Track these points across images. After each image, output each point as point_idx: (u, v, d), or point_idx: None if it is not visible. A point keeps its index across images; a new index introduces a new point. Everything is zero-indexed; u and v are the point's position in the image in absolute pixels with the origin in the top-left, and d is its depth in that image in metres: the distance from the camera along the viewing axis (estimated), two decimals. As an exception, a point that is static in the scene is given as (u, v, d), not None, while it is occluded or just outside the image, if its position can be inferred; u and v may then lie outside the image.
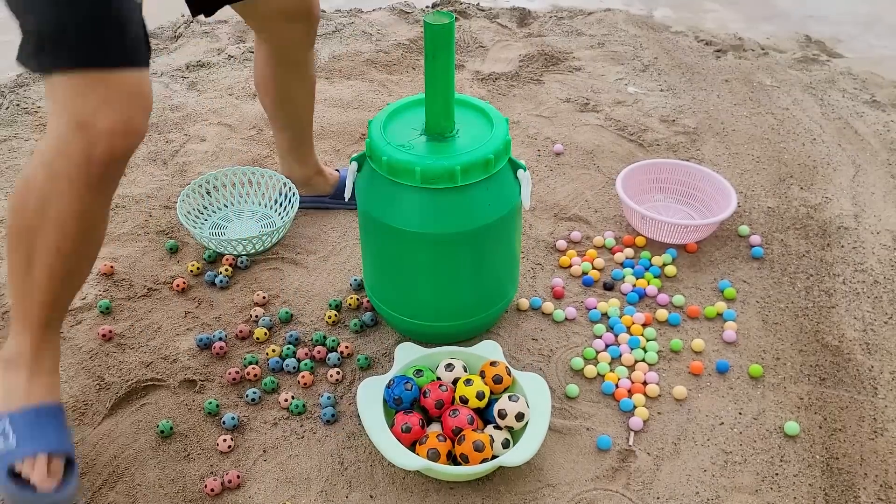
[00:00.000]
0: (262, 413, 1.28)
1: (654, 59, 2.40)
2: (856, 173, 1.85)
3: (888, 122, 2.05)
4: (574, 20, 2.69)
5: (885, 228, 1.66)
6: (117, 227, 1.67)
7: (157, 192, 1.79)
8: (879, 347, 1.38)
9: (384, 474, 1.18)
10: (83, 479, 1.17)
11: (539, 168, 1.87)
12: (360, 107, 2.15)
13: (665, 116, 2.08)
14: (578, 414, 1.27)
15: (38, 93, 2.17)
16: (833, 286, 1.52)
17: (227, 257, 1.57)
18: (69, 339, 1.40)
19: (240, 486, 1.16)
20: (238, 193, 1.73)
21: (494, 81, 2.28)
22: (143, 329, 1.43)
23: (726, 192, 1.62)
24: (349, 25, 2.62)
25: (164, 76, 2.29)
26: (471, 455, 1.10)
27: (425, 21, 1.17)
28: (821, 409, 1.28)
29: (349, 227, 1.68)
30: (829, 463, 1.19)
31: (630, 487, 1.16)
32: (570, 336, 1.42)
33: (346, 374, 1.34)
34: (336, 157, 1.93)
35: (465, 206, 1.22)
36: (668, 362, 1.36)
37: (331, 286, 1.53)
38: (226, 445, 1.21)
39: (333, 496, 1.15)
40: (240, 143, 1.97)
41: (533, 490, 1.15)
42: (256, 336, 1.40)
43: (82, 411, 1.27)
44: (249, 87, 2.23)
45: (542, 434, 1.13)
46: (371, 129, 1.27)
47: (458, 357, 1.27)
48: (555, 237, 1.65)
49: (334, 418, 1.25)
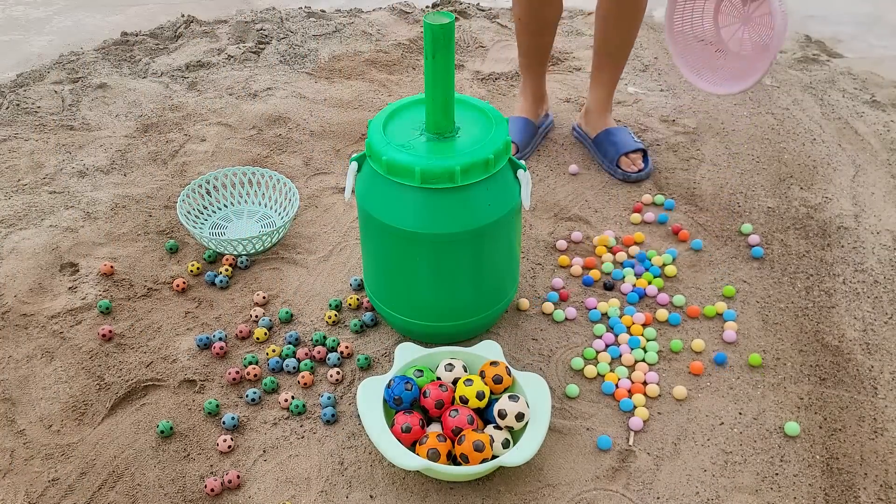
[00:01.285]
0: (262, 413, 1.28)
1: (654, 59, 2.40)
2: (856, 173, 1.85)
3: (888, 122, 2.05)
4: (574, 20, 2.69)
5: (885, 228, 1.66)
6: (117, 227, 1.67)
7: (157, 192, 1.79)
8: (879, 347, 1.38)
9: (384, 474, 1.18)
10: (83, 479, 1.17)
11: (539, 168, 1.87)
12: (360, 107, 2.15)
13: (665, 116, 2.08)
14: (578, 414, 1.27)
15: (37, 93, 2.17)
16: (833, 286, 1.51)
17: (227, 257, 1.57)
18: (68, 340, 1.40)
19: (240, 486, 1.16)
20: (238, 193, 1.73)
21: (494, 81, 2.28)
22: (143, 329, 1.43)
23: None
24: (349, 25, 2.62)
25: (164, 76, 2.29)
26: (471, 455, 1.10)
27: (425, 21, 1.17)
28: (821, 409, 1.27)
29: (349, 227, 1.68)
30: (829, 463, 1.19)
31: (630, 487, 1.16)
32: (570, 336, 1.42)
33: (346, 375, 1.34)
34: (336, 157, 1.93)
35: (465, 206, 1.22)
36: (669, 362, 1.36)
37: (331, 286, 1.53)
38: (226, 445, 1.21)
39: (333, 496, 1.15)
40: (240, 142, 1.97)
41: (533, 490, 1.15)
42: (256, 336, 1.40)
43: (82, 411, 1.27)
44: (249, 87, 2.23)
45: (542, 434, 1.13)
46: (371, 129, 1.27)
47: (458, 357, 1.27)
48: (555, 237, 1.65)
49: (334, 418, 1.25)
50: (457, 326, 1.35)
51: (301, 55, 2.43)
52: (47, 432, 1.24)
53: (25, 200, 1.74)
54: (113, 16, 2.77)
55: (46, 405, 1.28)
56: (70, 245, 1.61)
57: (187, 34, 2.57)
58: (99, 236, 1.64)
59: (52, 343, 1.39)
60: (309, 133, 2.02)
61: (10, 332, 1.41)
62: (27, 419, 1.26)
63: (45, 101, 2.13)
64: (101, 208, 1.72)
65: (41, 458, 1.20)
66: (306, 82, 2.27)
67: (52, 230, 1.65)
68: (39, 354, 1.37)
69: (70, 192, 1.78)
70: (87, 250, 1.60)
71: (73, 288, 1.51)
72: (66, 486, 1.16)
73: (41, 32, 2.66)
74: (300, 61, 2.40)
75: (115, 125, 2.05)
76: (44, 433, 1.24)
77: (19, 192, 1.77)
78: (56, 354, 1.37)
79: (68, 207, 1.72)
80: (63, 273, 1.55)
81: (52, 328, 1.42)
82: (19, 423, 1.25)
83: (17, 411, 1.27)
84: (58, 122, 2.05)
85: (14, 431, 1.24)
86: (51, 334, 1.41)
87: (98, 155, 1.91)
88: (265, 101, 2.15)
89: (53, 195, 1.77)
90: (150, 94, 2.19)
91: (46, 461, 1.20)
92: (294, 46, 2.47)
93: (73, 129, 2.02)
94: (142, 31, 2.59)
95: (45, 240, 1.62)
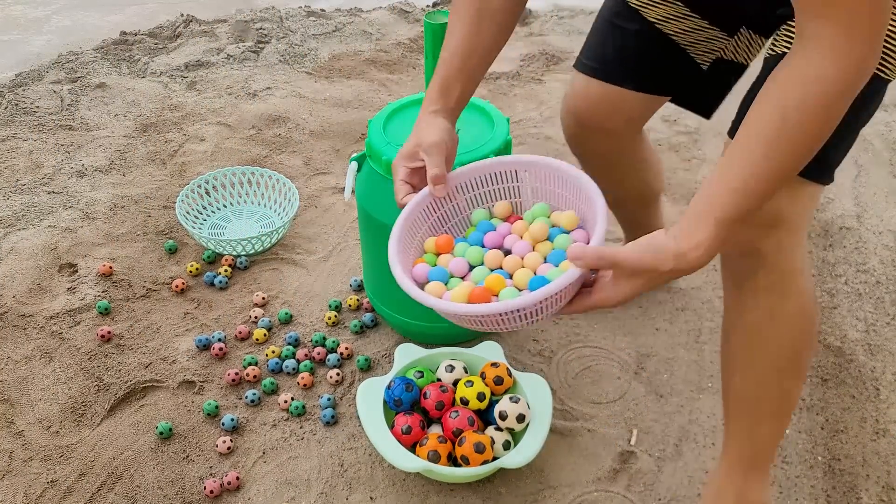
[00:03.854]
0: (262, 414, 1.27)
1: (655, 59, 2.40)
2: (858, 174, 1.84)
3: (890, 122, 2.05)
4: (575, 19, 2.68)
5: (887, 229, 1.66)
6: (116, 227, 1.66)
7: (156, 193, 1.78)
8: (881, 348, 1.38)
9: (384, 476, 1.17)
10: (82, 480, 1.16)
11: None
12: (360, 106, 2.14)
13: (666, 116, 2.07)
14: (579, 415, 1.27)
15: (36, 92, 2.16)
16: (835, 287, 1.51)
17: (226, 258, 1.57)
18: (67, 340, 1.39)
19: (239, 487, 1.16)
20: (237, 193, 1.73)
21: (495, 81, 2.27)
22: (141, 330, 1.42)
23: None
24: (349, 25, 2.62)
25: (164, 76, 2.29)
26: (471, 456, 1.09)
27: (425, 20, 1.16)
28: (823, 410, 1.27)
29: (349, 227, 1.68)
30: (830, 464, 1.19)
31: (631, 489, 1.15)
32: (570, 336, 1.41)
33: (346, 376, 1.34)
34: (336, 157, 1.92)
35: (466, 207, 1.21)
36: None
37: (331, 287, 1.52)
38: (225, 447, 1.20)
39: (333, 498, 1.14)
40: (239, 142, 1.97)
41: (534, 492, 1.15)
42: (256, 337, 1.40)
43: (81, 412, 1.27)
44: (249, 87, 2.23)
45: (543, 435, 1.13)
46: (371, 129, 1.26)
47: (459, 358, 1.26)
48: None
49: (334, 420, 1.25)
50: (457, 327, 1.34)
51: (301, 54, 2.42)
52: (46, 433, 1.24)
53: (24, 201, 1.74)
54: (112, 15, 2.76)
55: (45, 406, 1.28)
56: (69, 245, 1.61)
57: (186, 33, 2.56)
58: (98, 237, 1.64)
59: (50, 344, 1.39)
60: (309, 133, 2.01)
61: (9, 332, 1.41)
62: (26, 420, 1.26)
63: (44, 101, 2.13)
64: (99, 208, 1.72)
65: (40, 460, 1.20)
66: (306, 82, 2.27)
67: (51, 230, 1.64)
68: (38, 355, 1.37)
69: (69, 192, 1.77)
70: (85, 251, 1.60)
71: (71, 288, 1.50)
72: (65, 487, 1.16)
73: (40, 32, 2.66)
74: (300, 61, 2.39)
75: (113, 125, 2.04)
76: (43, 434, 1.24)
77: (18, 193, 1.77)
78: (55, 355, 1.37)
79: (67, 208, 1.72)
80: (62, 273, 1.55)
81: (50, 329, 1.41)
82: (18, 425, 1.25)
83: (15, 412, 1.27)
84: (56, 121, 2.04)
85: (13, 433, 1.24)
86: (49, 335, 1.40)
87: (97, 155, 1.91)
88: (265, 101, 2.15)
89: (52, 195, 1.76)
90: (149, 93, 2.18)
91: (45, 462, 1.19)
92: (294, 46, 2.47)
93: (71, 129, 2.02)
94: (141, 30, 2.58)
95: (44, 240, 1.61)
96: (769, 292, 0.95)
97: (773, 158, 0.73)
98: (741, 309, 0.98)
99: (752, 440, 1.04)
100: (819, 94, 0.70)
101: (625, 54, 1.16)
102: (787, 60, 0.73)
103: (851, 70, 0.70)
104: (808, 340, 0.98)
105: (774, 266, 0.94)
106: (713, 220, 0.75)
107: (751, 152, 0.74)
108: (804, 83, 0.71)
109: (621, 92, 1.17)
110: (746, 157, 0.74)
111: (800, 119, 0.71)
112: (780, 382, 1.00)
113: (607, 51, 1.18)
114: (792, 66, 0.72)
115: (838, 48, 0.69)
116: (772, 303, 0.95)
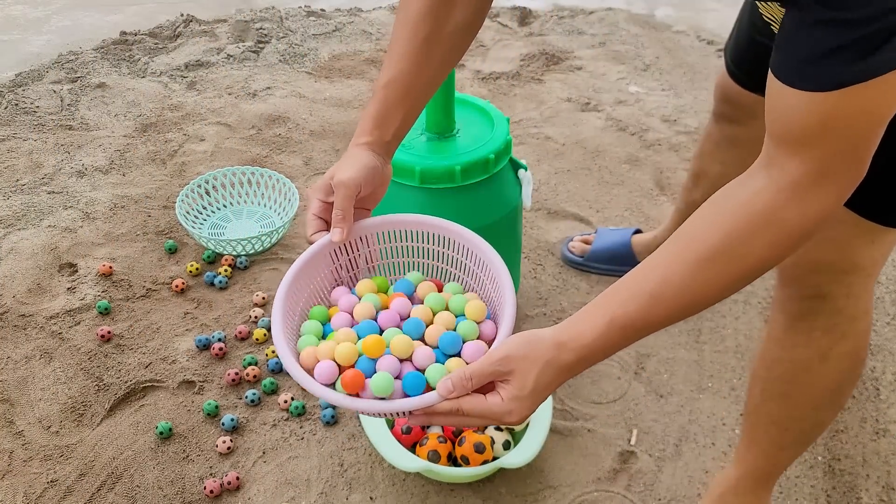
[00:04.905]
0: (262, 414, 1.27)
1: (656, 59, 2.40)
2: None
3: (890, 121, 2.05)
4: (575, 19, 2.68)
5: (886, 228, 1.66)
6: (116, 227, 1.66)
7: (156, 192, 1.78)
8: (881, 348, 1.38)
9: (384, 476, 1.17)
10: (82, 480, 1.16)
11: (540, 168, 1.87)
12: (360, 106, 2.14)
13: (667, 116, 2.07)
14: (579, 415, 1.27)
15: (36, 92, 2.16)
16: (835, 286, 1.51)
17: (226, 257, 1.57)
18: (67, 340, 1.39)
19: (239, 487, 1.16)
20: (237, 193, 1.72)
21: (495, 81, 2.27)
22: (141, 330, 1.42)
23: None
24: (349, 24, 2.62)
25: (163, 76, 2.29)
26: (471, 456, 1.09)
27: (425, 20, 1.16)
28: (823, 410, 1.27)
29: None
30: (830, 464, 1.19)
31: (631, 489, 1.15)
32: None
33: (346, 375, 1.34)
34: (336, 157, 1.92)
35: (465, 206, 1.21)
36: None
37: (330, 286, 1.52)
38: (225, 447, 1.20)
39: (333, 498, 1.14)
40: (239, 142, 1.97)
41: (534, 492, 1.15)
42: (256, 337, 1.40)
43: (81, 412, 1.27)
44: (249, 87, 2.23)
45: (543, 435, 1.13)
46: (371, 129, 1.26)
47: (459, 358, 1.26)
48: (555, 237, 1.64)
49: (334, 420, 1.25)
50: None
51: (301, 54, 2.42)
52: (46, 433, 1.24)
53: (24, 200, 1.74)
54: (112, 15, 2.76)
55: (45, 406, 1.28)
56: (69, 245, 1.60)
57: (186, 33, 2.56)
58: (98, 236, 1.64)
59: (50, 344, 1.39)
60: (309, 133, 2.01)
61: (9, 332, 1.41)
62: (26, 420, 1.26)
63: (44, 101, 2.13)
64: (99, 208, 1.72)
65: (40, 460, 1.20)
66: (306, 81, 2.27)
67: (51, 230, 1.64)
68: (38, 355, 1.36)
69: (69, 192, 1.77)
70: (85, 251, 1.60)
71: (71, 288, 1.50)
72: (65, 487, 1.16)
73: (40, 32, 2.66)
74: (300, 60, 2.39)
75: (113, 125, 2.04)
76: (42, 434, 1.23)
77: (18, 193, 1.77)
78: (55, 355, 1.36)
79: (67, 207, 1.72)
80: (62, 273, 1.55)
81: (50, 329, 1.41)
82: (18, 425, 1.25)
83: (15, 412, 1.27)
84: (56, 121, 2.04)
85: (13, 432, 1.24)
86: (49, 335, 1.40)
87: (97, 155, 1.91)
88: (265, 101, 2.15)
89: (52, 195, 1.76)
90: (148, 93, 2.18)
91: (45, 462, 1.19)
92: (294, 46, 2.47)
93: (71, 129, 2.02)
94: (141, 30, 2.58)
95: (44, 240, 1.61)
96: (827, 333, 0.89)
97: (700, 279, 0.67)
98: (790, 344, 0.92)
99: (771, 461, 1.01)
100: (771, 234, 0.64)
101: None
102: (748, 181, 0.65)
103: (812, 217, 0.63)
104: (855, 379, 0.93)
105: (840, 311, 0.88)
106: (609, 316, 0.67)
107: (684, 262, 0.67)
108: (758, 218, 0.64)
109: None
110: (675, 264, 0.67)
111: (742, 252, 0.65)
112: (817, 414, 0.95)
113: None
114: (752, 192, 0.64)
115: (803, 191, 0.62)
116: (828, 343, 0.89)
